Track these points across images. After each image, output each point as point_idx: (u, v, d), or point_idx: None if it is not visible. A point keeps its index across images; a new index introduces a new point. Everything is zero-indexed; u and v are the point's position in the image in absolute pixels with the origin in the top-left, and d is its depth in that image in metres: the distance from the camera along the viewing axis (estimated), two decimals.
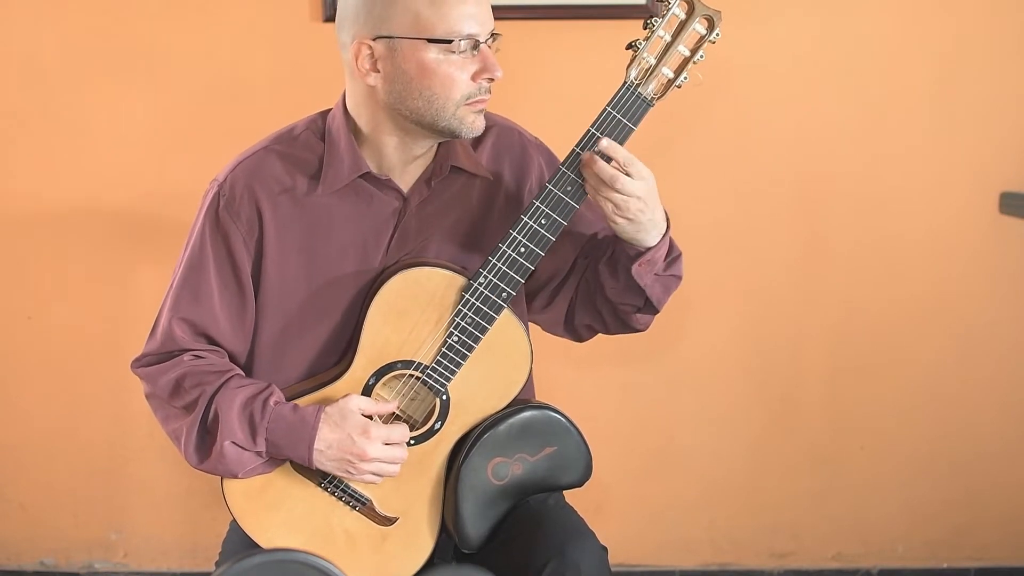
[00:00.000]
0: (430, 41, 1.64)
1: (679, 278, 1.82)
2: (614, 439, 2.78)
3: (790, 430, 2.84)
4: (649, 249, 1.71)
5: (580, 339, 1.94)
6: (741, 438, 2.84)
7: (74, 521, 2.86)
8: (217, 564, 1.85)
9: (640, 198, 1.64)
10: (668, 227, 1.74)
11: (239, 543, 1.81)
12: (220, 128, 2.65)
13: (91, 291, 2.75)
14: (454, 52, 1.65)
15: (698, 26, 1.66)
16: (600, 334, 1.92)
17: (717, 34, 1.66)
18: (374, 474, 1.71)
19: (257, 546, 1.76)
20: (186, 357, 1.75)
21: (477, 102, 1.69)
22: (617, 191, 1.63)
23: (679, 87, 1.68)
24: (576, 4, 2.64)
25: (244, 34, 2.66)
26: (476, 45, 1.66)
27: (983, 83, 2.69)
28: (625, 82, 1.66)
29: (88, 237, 2.73)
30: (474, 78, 1.68)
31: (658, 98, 1.67)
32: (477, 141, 1.81)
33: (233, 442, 1.69)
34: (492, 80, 1.68)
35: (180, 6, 2.65)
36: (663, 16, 1.65)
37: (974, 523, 2.87)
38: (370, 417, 1.71)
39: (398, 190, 1.77)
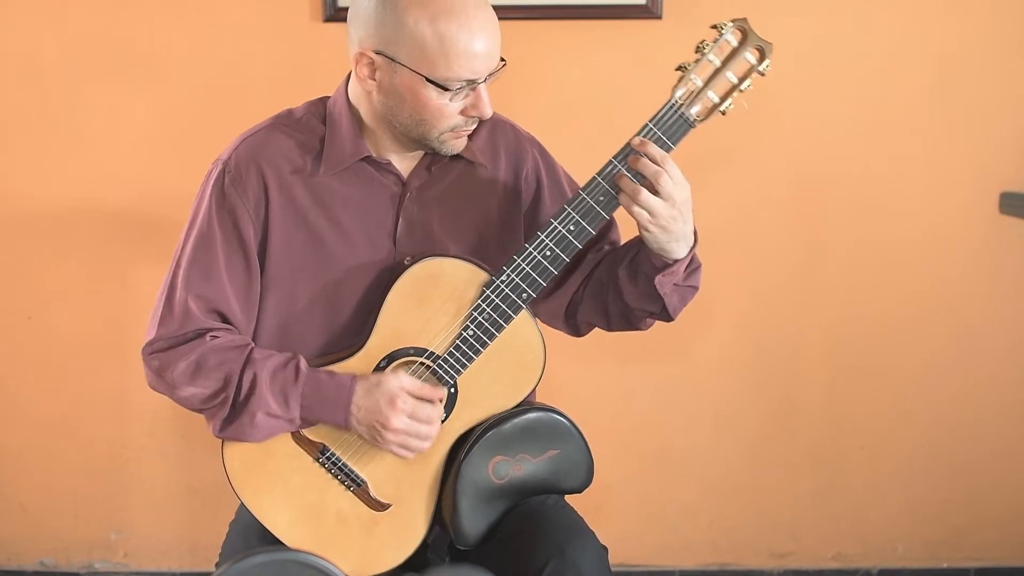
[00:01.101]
0: (428, 80, 1.66)
1: (696, 289, 1.83)
2: (614, 439, 2.78)
3: (790, 430, 2.84)
4: (676, 261, 1.73)
5: (578, 334, 1.96)
6: (741, 438, 2.85)
7: (74, 521, 2.86)
8: (217, 566, 1.85)
9: (675, 203, 1.65)
10: (695, 242, 1.75)
11: (240, 545, 1.81)
12: (220, 129, 2.62)
13: (91, 291, 2.76)
14: (451, 100, 1.67)
15: (749, 55, 1.67)
16: (597, 329, 1.93)
17: (767, 65, 1.67)
18: (401, 446, 1.71)
19: (257, 543, 1.76)
20: (206, 338, 1.74)
21: (462, 131, 1.73)
22: (661, 187, 1.64)
23: (723, 113, 1.68)
24: (576, 4, 2.64)
25: (244, 34, 2.67)
26: (474, 84, 1.68)
27: (983, 83, 2.69)
28: (670, 100, 1.67)
29: (88, 237, 2.73)
30: (463, 113, 1.70)
31: (701, 120, 1.68)
32: (473, 133, 1.83)
33: (267, 413, 1.70)
34: (483, 118, 1.72)
35: (180, 6, 2.65)
36: (715, 41, 1.66)
37: (974, 523, 2.87)
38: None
39: (398, 174, 1.79)
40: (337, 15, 2.62)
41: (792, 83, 2.68)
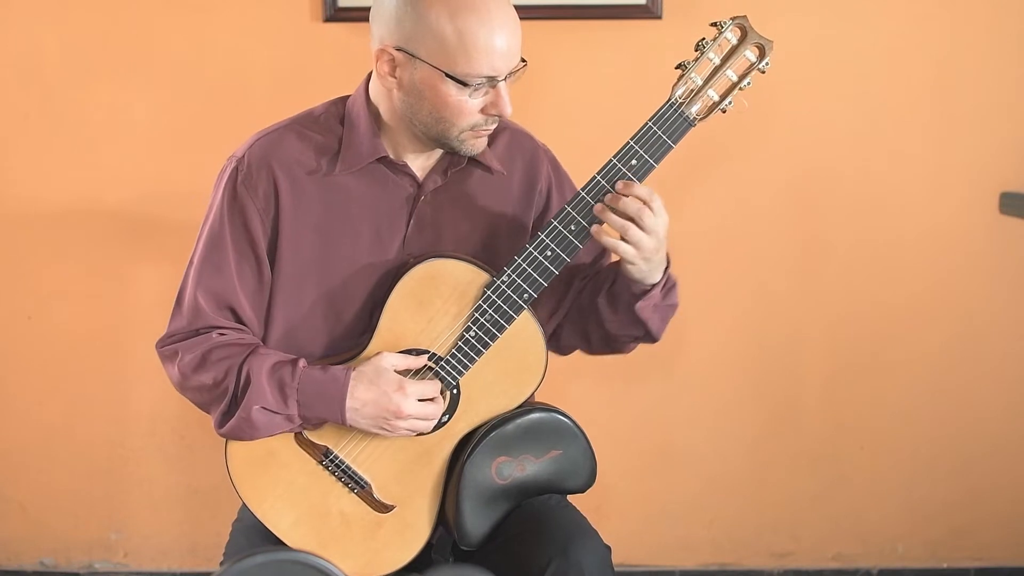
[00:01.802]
0: (447, 75, 1.66)
1: (675, 307, 1.85)
2: (614, 439, 2.78)
3: (790, 430, 2.84)
4: (654, 286, 1.75)
5: (561, 353, 1.98)
6: (741, 438, 2.85)
7: (74, 521, 2.86)
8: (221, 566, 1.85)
9: (658, 235, 1.68)
10: (669, 263, 1.78)
11: (243, 545, 1.81)
12: (220, 128, 2.65)
13: (91, 291, 2.75)
14: (470, 96, 1.67)
15: (749, 53, 1.67)
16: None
17: (767, 63, 1.68)
18: (409, 429, 1.72)
19: (260, 543, 1.76)
20: (213, 335, 1.76)
21: (483, 131, 1.73)
22: (644, 223, 1.65)
23: (724, 111, 1.69)
24: (576, 4, 2.64)
25: (244, 34, 2.66)
26: (494, 82, 1.68)
27: (982, 83, 2.69)
28: (670, 99, 1.67)
29: (88, 236, 2.73)
30: (483, 111, 1.70)
31: (701, 119, 1.68)
32: (491, 140, 1.84)
33: (263, 407, 1.70)
34: (502, 117, 1.71)
35: (180, 6, 2.65)
36: (715, 39, 1.66)
37: (974, 523, 2.87)
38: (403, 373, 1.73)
39: (413, 176, 1.79)
40: (337, 15, 2.61)
41: (792, 82, 2.68)
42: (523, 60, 1.71)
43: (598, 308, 1.82)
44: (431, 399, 1.72)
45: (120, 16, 2.65)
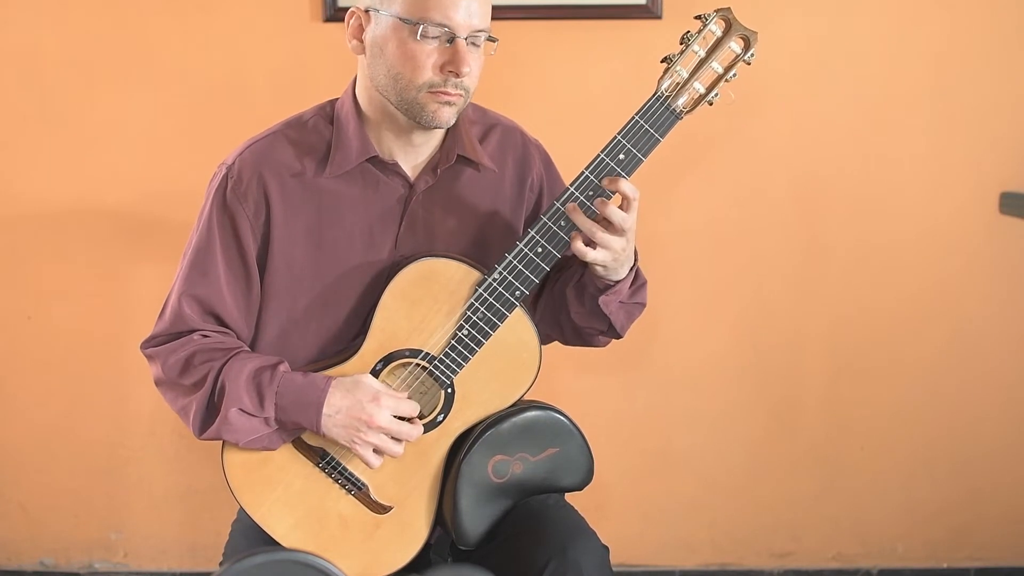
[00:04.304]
0: (401, 20, 1.67)
1: (643, 305, 1.86)
2: (614, 439, 2.78)
3: (790, 430, 2.84)
4: (618, 282, 1.76)
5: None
6: (741, 438, 2.85)
7: (74, 521, 2.86)
8: (220, 566, 1.85)
9: (627, 236, 1.69)
10: (636, 259, 1.78)
11: (243, 545, 1.81)
12: (220, 128, 2.65)
13: (91, 291, 2.75)
14: (420, 37, 1.66)
15: (734, 45, 1.68)
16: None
17: (752, 55, 1.68)
18: (377, 448, 1.71)
19: (259, 543, 1.76)
20: (195, 336, 1.76)
21: (440, 93, 1.70)
22: (616, 230, 1.66)
23: (710, 103, 1.69)
24: (576, 4, 2.64)
25: (244, 34, 2.67)
26: (452, 39, 1.67)
27: (982, 83, 2.69)
28: (656, 93, 1.67)
29: (88, 236, 2.73)
30: (440, 69, 1.69)
31: (687, 112, 1.69)
32: (483, 137, 1.85)
33: (240, 409, 1.70)
34: (458, 76, 1.68)
35: (180, 6, 2.65)
36: (699, 31, 1.66)
37: (974, 523, 2.87)
38: None
39: (404, 176, 1.79)
40: (337, 15, 2.62)
41: (791, 82, 2.68)
42: (492, 39, 1.71)
43: (566, 298, 1.83)
44: (409, 420, 1.72)
45: (120, 16, 2.65)
